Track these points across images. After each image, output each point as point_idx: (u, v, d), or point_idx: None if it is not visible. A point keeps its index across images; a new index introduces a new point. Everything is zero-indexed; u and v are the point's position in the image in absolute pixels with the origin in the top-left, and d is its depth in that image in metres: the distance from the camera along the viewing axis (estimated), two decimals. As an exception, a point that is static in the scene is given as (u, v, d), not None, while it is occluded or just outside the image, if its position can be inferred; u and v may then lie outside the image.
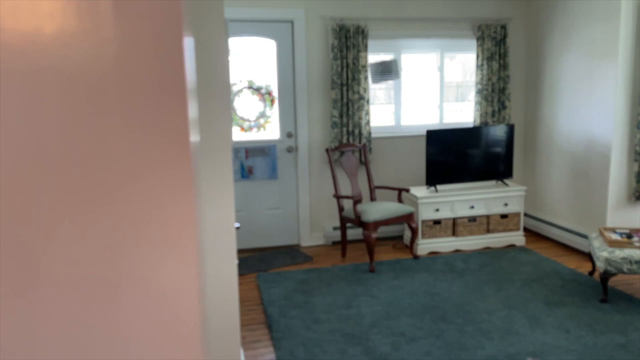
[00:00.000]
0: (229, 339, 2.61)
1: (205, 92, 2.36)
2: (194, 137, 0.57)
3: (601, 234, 3.80)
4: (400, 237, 5.16)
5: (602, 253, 3.48)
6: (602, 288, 3.56)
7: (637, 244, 3.51)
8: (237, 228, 2.96)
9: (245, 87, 4.72)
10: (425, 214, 4.60)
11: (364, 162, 4.84)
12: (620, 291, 3.69)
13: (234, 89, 4.70)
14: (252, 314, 3.54)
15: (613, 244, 3.57)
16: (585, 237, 4.49)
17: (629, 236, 3.74)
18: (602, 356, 2.83)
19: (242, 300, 3.76)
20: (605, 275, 3.47)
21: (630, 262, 3.39)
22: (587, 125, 4.50)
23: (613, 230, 3.88)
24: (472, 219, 4.70)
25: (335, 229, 4.97)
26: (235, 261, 2.59)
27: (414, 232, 4.47)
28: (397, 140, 5.10)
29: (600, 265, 3.48)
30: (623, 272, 3.42)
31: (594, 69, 4.39)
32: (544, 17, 4.99)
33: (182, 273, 0.49)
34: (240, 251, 4.89)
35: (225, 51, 2.42)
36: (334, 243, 5.02)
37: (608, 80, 4.24)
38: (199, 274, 0.50)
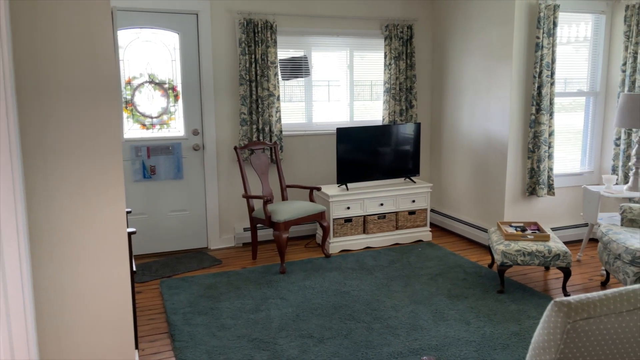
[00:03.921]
0: (123, 352, 2.41)
1: (88, 87, 2.14)
2: None
3: (498, 227, 4.00)
4: (313, 236, 5.13)
5: (499, 246, 3.66)
6: (499, 279, 3.74)
7: (530, 237, 3.72)
8: (133, 233, 2.75)
9: (146, 82, 4.44)
10: (337, 212, 4.60)
11: (275, 161, 4.75)
12: (516, 281, 3.90)
13: (134, 83, 4.40)
14: (154, 324, 3.33)
15: (509, 237, 3.76)
16: (485, 231, 4.72)
17: (523, 229, 3.97)
18: (498, 345, 2.95)
19: (143, 309, 3.53)
20: (502, 267, 3.65)
21: (524, 254, 3.59)
22: (487, 123, 4.72)
23: (509, 224, 4.10)
24: (382, 216, 4.77)
25: (245, 230, 4.83)
26: (128, 268, 2.39)
27: (325, 230, 4.45)
28: (309, 138, 5.06)
29: (497, 258, 3.65)
30: (518, 264, 3.61)
31: (492, 70, 4.61)
32: (446, 19, 5.18)
33: None
34: (142, 256, 4.61)
35: (111, 43, 2.21)
36: (245, 244, 4.88)
37: (504, 81, 4.48)
38: None
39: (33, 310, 2.05)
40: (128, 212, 3.16)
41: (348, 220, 4.66)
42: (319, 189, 4.55)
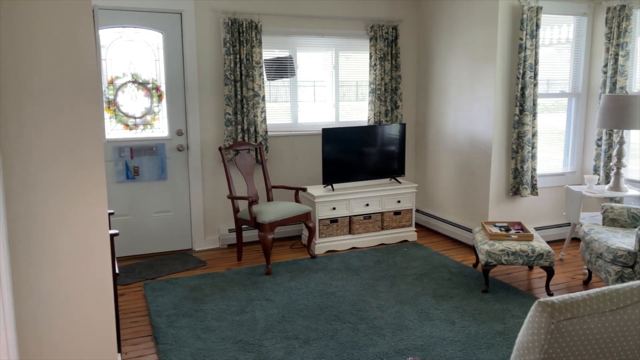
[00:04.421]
0: (105, 356, 2.37)
1: (68, 86, 2.10)
2: None
3: (483, 227, 4.02)
4: (299, 237, 5.12)
5: (484, 246, 3.68)
6: (484, 279, 3.76)
7: (513, 237, 3.76)
8: (115, 234, 2.71)
9: (129, 82, 4.38)
10: (322, 212, 4.59)
11: (260, 161, 4.72)
12: (500, 281, 3.93)
13: (117, 83, 4.34)
14: (137, 327, 3.28)
15: (493, 237, 3.79)
16: (470, 230, 4.75)
17: (507, 229, 4.00)
18: (483, 345, 2.97)
19: (126, 312, 3.48)
20: (487, 267, 3.68)
21: (508, 254, 3.62)
22: (471, 124, 4.76)
23: (493, 224, 4.13)
24: (368, 217, 4.77)
25: (230, 231, 4.80)
26: (110, 270, 2.35)
27: (311, 231, 4.44)
28: (294, 139, 5.04)
29: (482, 258, 3.67)
30: (502, 263, 3.64)
31: (476, 71, 4.65)
32: (431, 20, 5.21)
33: None
34: (125, 258, 4.55)
35: (92, 42, 2.17)
36: (230, 246, 4.85)
37: (488, 82, 4.51)
38: None
39: (12, 313, 2.01)
40: (111, 214, 3.12)
41: (334, 220, 4.66)
42: (304, 190, 4.54)
